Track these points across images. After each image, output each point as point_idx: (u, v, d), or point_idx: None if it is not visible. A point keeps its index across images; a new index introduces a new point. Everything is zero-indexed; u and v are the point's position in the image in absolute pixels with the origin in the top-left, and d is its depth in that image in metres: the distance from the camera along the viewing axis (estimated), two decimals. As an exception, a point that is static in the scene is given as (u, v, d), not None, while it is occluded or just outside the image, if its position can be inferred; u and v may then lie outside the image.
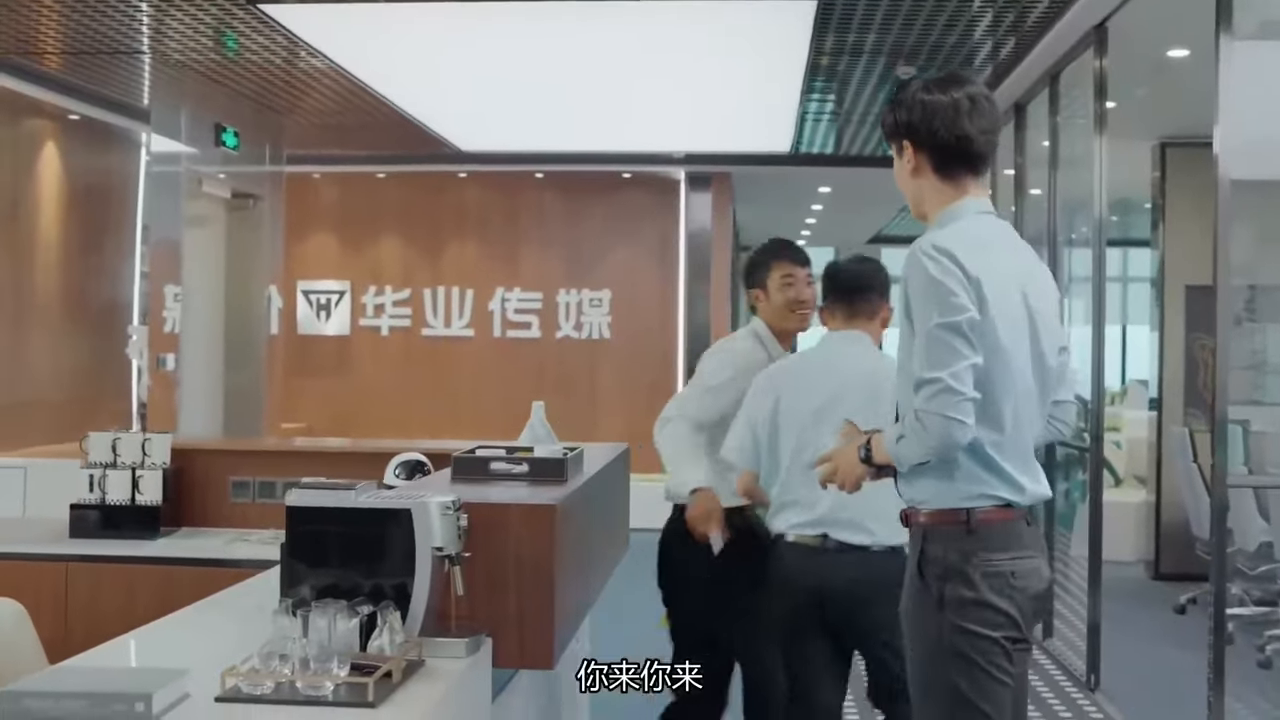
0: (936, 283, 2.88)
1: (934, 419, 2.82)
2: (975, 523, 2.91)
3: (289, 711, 2.55)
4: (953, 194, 3.06)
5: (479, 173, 13.33)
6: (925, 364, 2.85)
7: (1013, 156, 9.06)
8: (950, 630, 2.89)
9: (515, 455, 3.88)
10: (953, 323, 2.85)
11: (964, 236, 2.97)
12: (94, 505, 4.74)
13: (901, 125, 3.08)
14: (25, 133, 9.24)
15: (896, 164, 3.13)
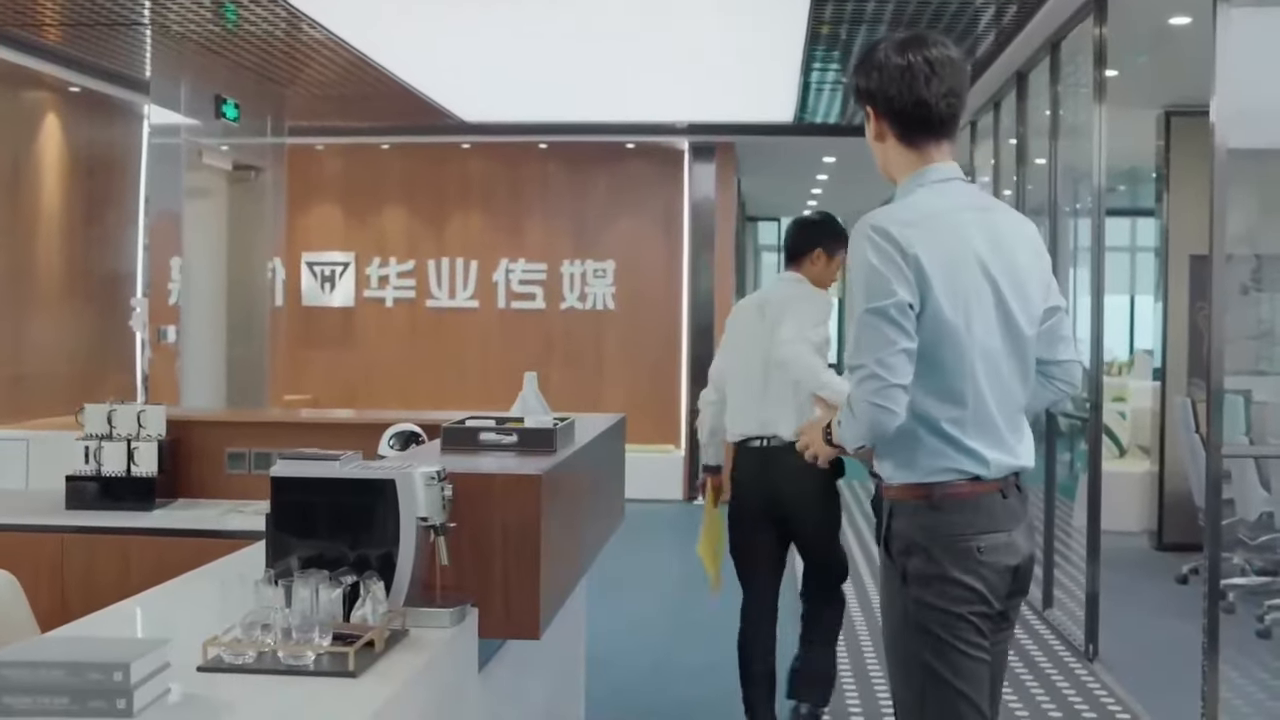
0: (869, 266, 2.86)
1: (861, 405, 2.83)
2: (938, 497, 2.88)
3: (270, 681, 2.56)
4: (916, 160, 3.02)
5: (483, 144, 13.30)
6: (854, 349, 2.86)
7: (1015, 125, 9.02)
8: (915, 605, 2.89)
9: (505, 426, 3.88)
10: (880, 307, 2.82)
11: (912, 210, 2.94)
12: (90, 477, 4.75)
13: (863, 91, 3.05)
14: (26, 105, 9.24)
15: (866, 128, 3.10)
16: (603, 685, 5.79)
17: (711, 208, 13.23)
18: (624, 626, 6.94)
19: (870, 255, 2.85)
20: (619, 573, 6.09)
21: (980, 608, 2.88)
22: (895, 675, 3.01)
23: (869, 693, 6.02)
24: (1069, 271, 8.10)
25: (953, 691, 2.88)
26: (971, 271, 2.91)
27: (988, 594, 2.88)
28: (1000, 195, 9.83)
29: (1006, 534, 2.92)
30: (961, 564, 2.86)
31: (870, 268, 2.85)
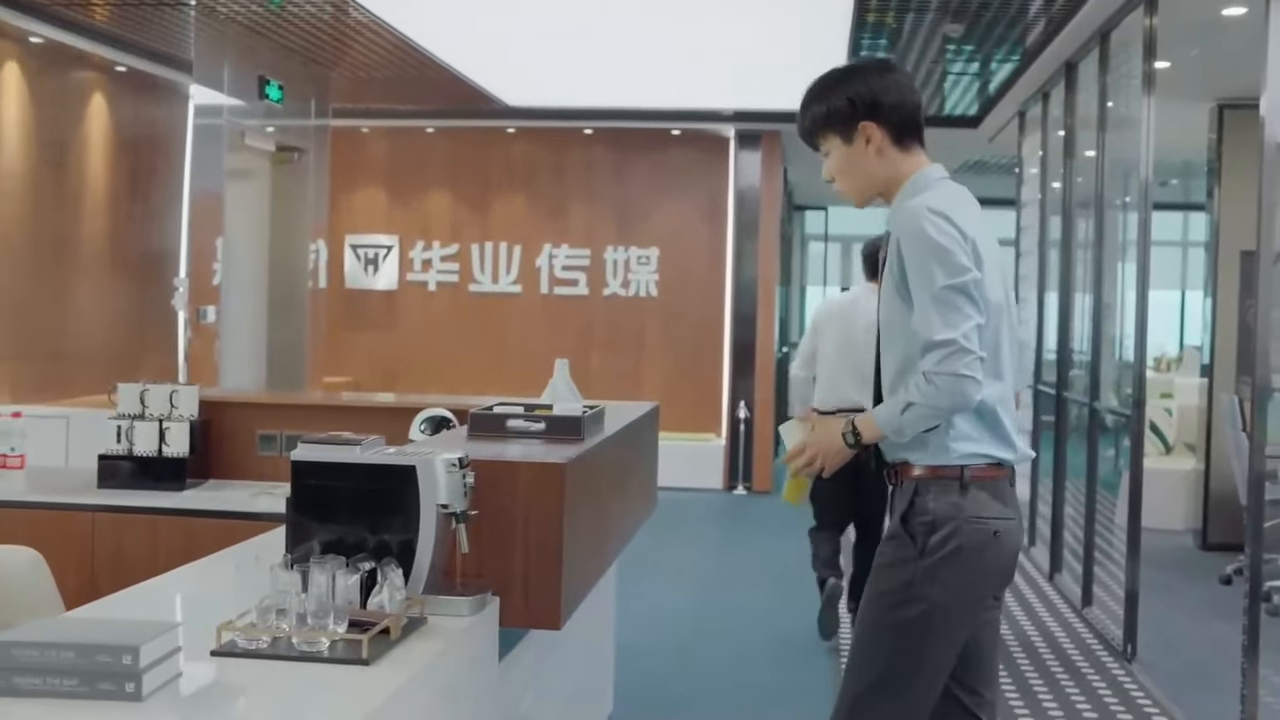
0: (938, 245, 2.91)
1: (947, 379, 2.84)
2: (968, 479, 2.94)
3: (282, 666, 2.54)
4: (911, 162, 3.11)
5: (527, 128, 13.27)
6: (936, 326, 2.86)
7: (1063, 117, 8.90)
8: (923, 577, 2.92)
9: (533, 413, 3.85)
10: (960, 284, 2.89)
11: (950, 198, 3.02)
12: (122, 456, 4.75)
13: (863, 105, 3.08)
14: (73, 84, 9.28)
15: (847, 154, 3.11)
16: (632, 674, 5.76)
17: (756, 196, 13.15)
18: (655, 616, 6.90)
19: (936, 235, 2.91)
20: (652, 561, 6.06)
21: (983, 590, 2.99)
22: (866, 640, 3.02)
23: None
24: (1115, 266, 7.98)
25: (928, 664, 2.95)
26: (996, 260, 3.04)
27: (997, 578, 3.01)
28: (1047, 187, 9.72)
29: (1018, 520, 3.03)
30: (981, 545, 2.94)
31: (939, 246, 2.90)
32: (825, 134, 3.13)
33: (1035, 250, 10.00)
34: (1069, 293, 8.80)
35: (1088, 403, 7.86)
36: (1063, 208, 8.99)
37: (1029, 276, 10.27)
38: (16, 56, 8.52)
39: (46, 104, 8.81)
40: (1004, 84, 10.29)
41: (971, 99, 11.39)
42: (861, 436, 3.01)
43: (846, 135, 3.10)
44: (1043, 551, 8.87)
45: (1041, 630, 7.09)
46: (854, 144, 3.10)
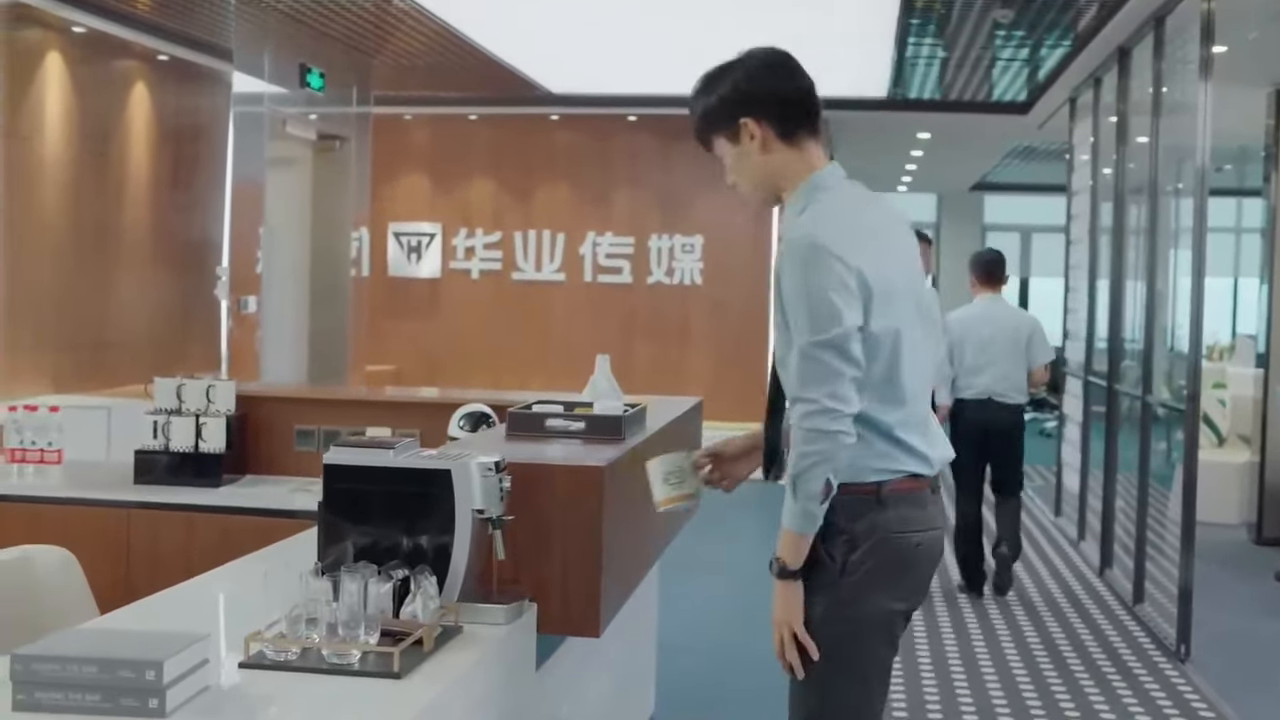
0: (812, 292, 2.72)
1: (812, 434, 2.71)
2: (884, 494, 2.81)
3: (312, 680, 2.46)
4: (805, 161, 2.91)
5: (570, 115, 13.18)
6: (801, 382, 2.73)
7: (1116, 103, 8.73)
8: (848, 597, 2.79)
9: (572, 412, 3.76)
10: (829, 339, 2.71)
11: (840, 217, 2.82)
12: (158, 452, 4.69)
13: (739, 99, 2.90)
14: (116, 73, 9.26)
15: (736, 154, 2.93)
16: (675, 673, 5.68)
17: (802, 183, 13.00)
18: (698, 612, 6.81)
19: (811, 280, 2.73)
20: (695, 557, 5.97)
21: (907, 604, 2.88)
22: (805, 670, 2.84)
23: (949, 693, 5.86)
24: (1169, 253, 7.82)
25: (857, 685, 2.84)
26: (896, 269, 2.85)
27: (917, 590, 2.91)
28: (1099, 174, 9.55)
29: (939, 530, 2.93)
30: (901, 559, 2.83)
31: (813, 294, 2.72)
32: (712, 136, 2.97)
33: (1086, 238, 9.83)
34: (1120, 281, 8.64)
35: (1140, 395, 7.70)
36: (1114, 194, 8.82)
37: (1079, 265, 10.10)
38: (59, 46, 8.50)
39: (89, 93, 8.80)
40: (1054, 70, 10.12)
41: (1021, 85, 11.22)
42: (784, 559, 2.79)
43: (731, 134, 2.92)
44: (1093, 546, 8.72)
45: (1091, 628, 6.95)
46: (740, 142, 2.92)
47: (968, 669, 6.10)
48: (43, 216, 8.40)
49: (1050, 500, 10.66)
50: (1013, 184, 19.44)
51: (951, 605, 7.33)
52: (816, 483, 2.71)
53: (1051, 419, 14.89)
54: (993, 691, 5.77)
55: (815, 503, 2.73)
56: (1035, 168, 17.24)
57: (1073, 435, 10.08)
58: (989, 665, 6.17)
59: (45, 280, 8.41)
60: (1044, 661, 6.27)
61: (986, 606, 7.32)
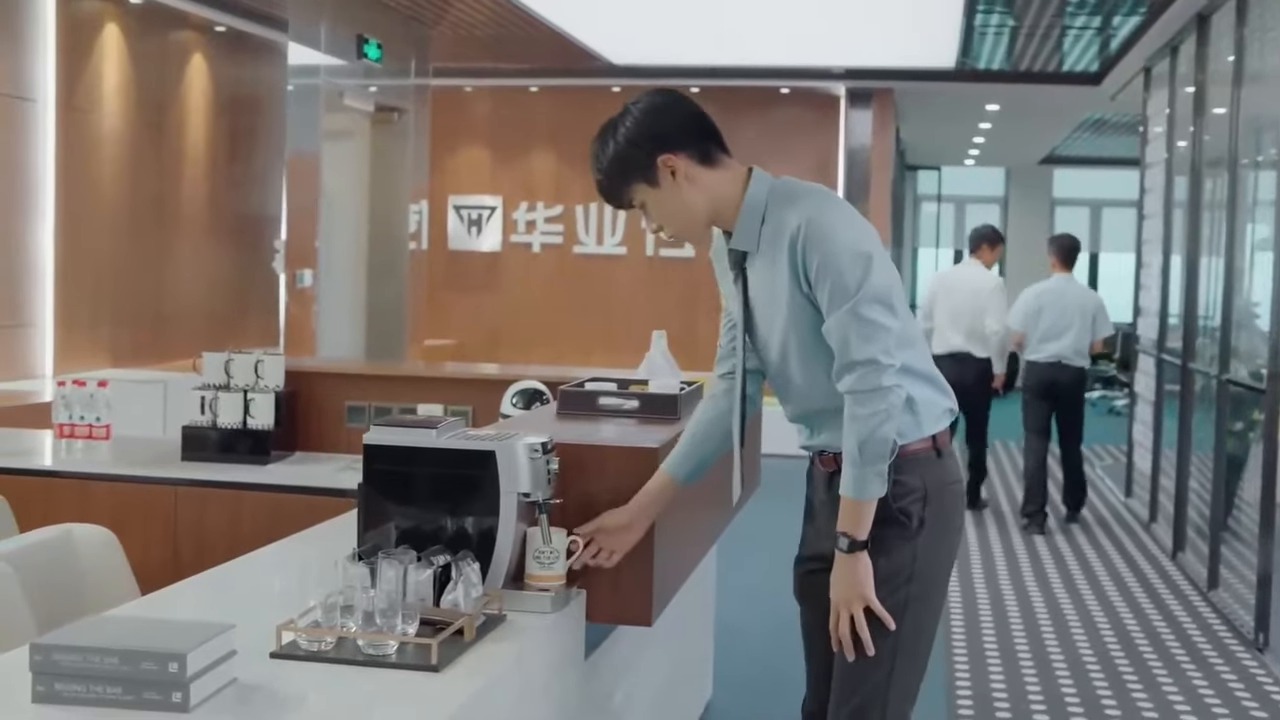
0: (843, 252, 2.72)
1: (873, 394, 2.70)
2: (939, 444, 2.88)
3: (346, 672, 2.35)
4: (733, 178, 2.84)
5: (633, 87, 12.96)
6: (853, 344, 2.71)
7: (1193, 72, 8.45)
8: (924, 555, 2.84)
9: (626, 390, 3.62)
10: (874, 294, 2.72)
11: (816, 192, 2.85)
12: (206, 428, 4.60)
13: (648, 137, 2.78)
14: (173, 45, 9.20)
15: (659, 197, 2.81)
16: (734, 653, 5.54)
17: (867, 155, 12.81)
18: (757, 591, 6.65)
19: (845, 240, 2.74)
20: (753, 534, 5.80)
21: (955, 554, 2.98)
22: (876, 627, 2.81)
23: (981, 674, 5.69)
24: (1247, 228, 7.56)
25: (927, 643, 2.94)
26: None
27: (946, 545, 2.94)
28: (1174, 146, 9.27)
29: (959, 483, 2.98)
30: (959, 507, 2.97)
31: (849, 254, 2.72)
32: (628, 187, 2.83)
33: (1160, 212, 9.56)
34: (1196, 257, 8.38)
35: (1215, 374, 7.46)
36: (1190, 167, 8.56)
37: (1153, 240, 9.83)
38: (116, 18, 8.44)
39: (146, 66, 8.74)
40: (1128, 39, 9.84)
41: (1093, 55, 10.94)
42: (853, 533, 2.75)
43: (649, 178, 2.79)
44: (1165, 529, 8.49)
45: (1164, 614, 6.74)
46: (661, 184, 2.80)
47: (1036, 658, 5.92)
48: (100, 190, 8.36)
49: (1121, 480, 10.41)
50: (1083, 157, 19.07)
51: (1020, 592, 7.14)
52: (885, 443, 2.71)
53: (1121, 397, 14.60)
54: (1062, 681, 5.59)
55: (884, 464, 2.73)
56: (1107, 140, 16.89)
57: (1144, 414, 9.84)
58: (1058, 653, 5.99)
59: (103, 254, 8.38)
60: (1115, 649, 6.07)
61: (1055, 593, 7.13)
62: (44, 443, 4.85)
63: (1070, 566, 7.75)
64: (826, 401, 2.83)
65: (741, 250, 2.86)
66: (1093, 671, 5.72)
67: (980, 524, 8.97)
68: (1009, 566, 7.67)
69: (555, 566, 2.81)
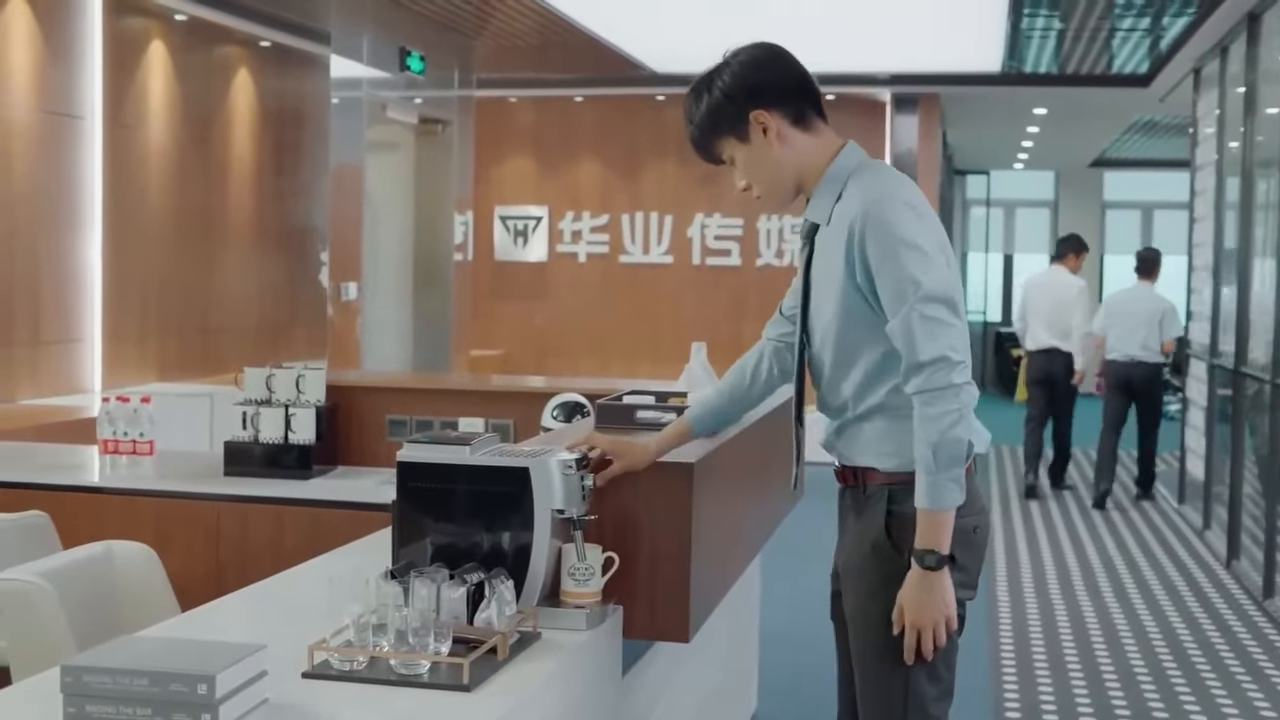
0: (915, 246, 2.64)
1: (943, 393, 2.61)
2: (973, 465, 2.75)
3: (378, 692, 2.33)
4: (823, 146, 2.81)
5: (677, 95, 12.95)
6: (920, 342, 2.62)
7: (1244, 72, 8.34)
8: (966, 567, 2.75)
9: (665, 404, 3.59)
10: (937, 294, 2.63)
11: (896, 179, 2.78)
12: (248, 443, 4.61)
13: (744, 92, 2.77)
14: (218, 60, 9.27)
15: (749, 154, 2.80)
16: (780, 664, 5.50)
17: (914, 160, 12.72)
18: (803, 599, 6.59)
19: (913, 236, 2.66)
20: (798, 541, 5.75)
21: (970, 592, 2.79)
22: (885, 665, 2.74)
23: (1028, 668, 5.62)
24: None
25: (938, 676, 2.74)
26: None
27: (976, 577, 2.82)
28: (1225, 147, 9.16)
29: (987, 514, 2.86)
30: (963, 546, 2.73)
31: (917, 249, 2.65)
32: (719, 140, 2.83)
33: (1211, 214, 9.44)
34: (1248, 259, 8.27)
35: (1270, 379, 7.35)
36: (1242, 169, 8.44)
37: (1204, 243, 9.71)
38: (162, 34, 8.51)
39: (191, 81, 8.80)
40: (1177, 39, 9.73)
41: (1142, 56, 10.82)
42: (936, 547, 2.65)
43: (740, 133, 2.79)
44: (1219, 536, 8.37)
45: (1218, 623, 6.64)
46: (751, 139, 2.79)
47: (1085, 668, 5.84)
48: (147, 204, 8.43)
49: (1174, 487, 10.29)
50: (1134, 159, 18.88)
51: (1070, 601, 7.06)
52: (960, 444, 2.63)
53: (1175, 402, 14.44)
54: (1112, 692, 5.51)
55: (960, 468, 2.64)
56: (1157, 142, 16.71)
57: (1196, 420, 9.71)
58: (1108, 664, 5.91)
59: (150, 268, 8.44)
60: (1167, 660, 5.99)
61: (1106, 601, 7.04)
62: (88, 458, 4.87)
63: (1121, 575, 7.65)
64: (847, 404, 2.82)
65: (814, 222, 2.83)
66: (1144, 682, 5.64)
67: (1031, 534, 8.88)
68: (1059, 575, 7.59)
69: (590, 583, 2.78)
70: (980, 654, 5.97)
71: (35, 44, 7.37)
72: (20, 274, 7.33)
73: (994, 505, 9.88)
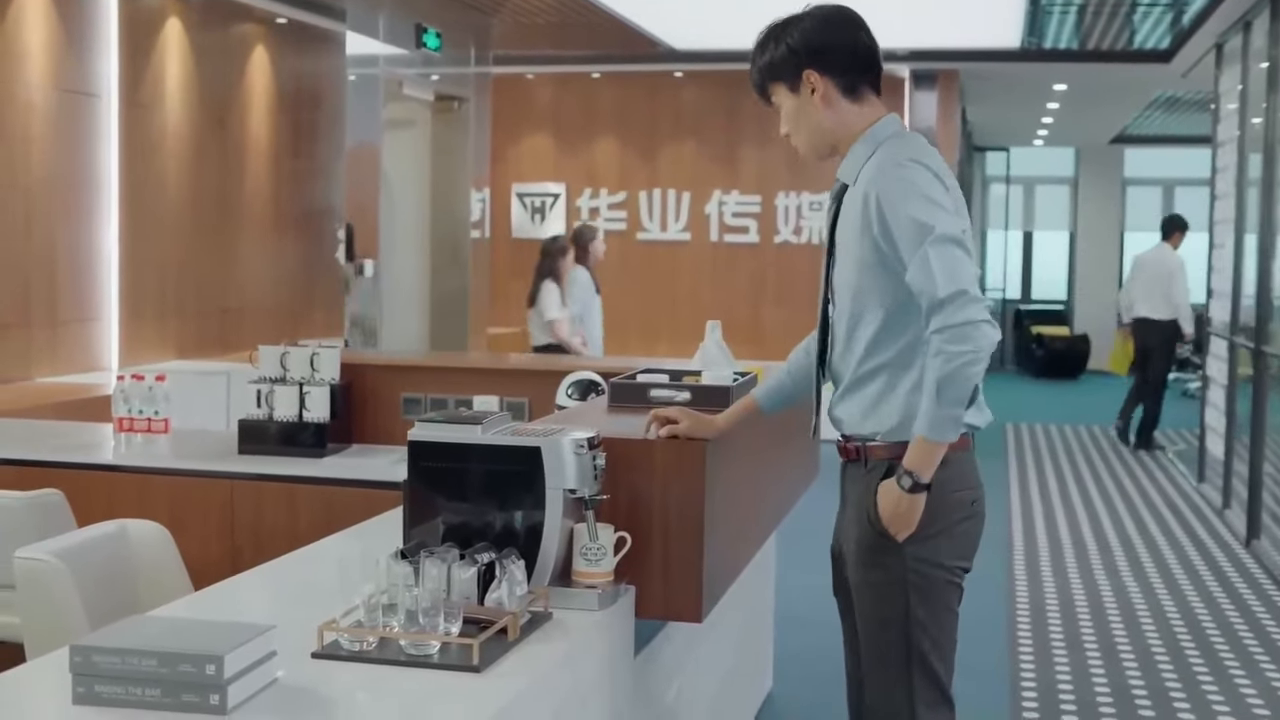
0: (926, 195, 2.73)
1: (964, 329, 2.65)
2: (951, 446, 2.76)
3: (387, 673, 2.33)
4: (867, 114, 2.92)
5: (695, 72, 12.94)
6: (939, 281, 2.66)
7: (1267, 48, 8.26)
8: (914, 562, 2.79)
9: (678, 382, 3.58)
10: (952, 235, 2.70)
11: (921, 145, 2.86)
12: (263, 421, 4.61)
13: (806, 51, 2.89)
14: (235, 38, 9.24)
15: (795, 105, 2.92)
16: (795, 646, 5.48)
17: (933, 137, 12.62)
18: (819, 579, 6.60)
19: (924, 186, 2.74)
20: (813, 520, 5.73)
21: (967, 564, 2.87)
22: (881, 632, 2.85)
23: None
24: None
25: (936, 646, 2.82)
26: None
27: (971, 553, 2.88)
28: (1247, 124, 9.08)
29: (983, 489, 2.91)
30: (961, 519, 2.82)
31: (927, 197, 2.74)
32: (773, 85, 2.96)
33: (1232, 191, 9.36)
34: (1270, 236, 8.20)
35: (1291, 357, 7.30)
36: (1264, 145, 8.36)
37: (1225, 221, 9.64)
38: (178, 13, 8.50)
39: (208, 60, 8.78)
40: (1200, 14, 9.64)
41: (1164, 31, 10.73)
42: (918, 471, 2.72)
43: (792, 85, 2.91)
44: (1239, 515, 8.33)
45: (1238, 603, 6.61)
46: (800, 94, 2.91)
47: (1102, 647, 5.81)
48: (164, 184, 8.42)
49: (1193, 465, 10.23)
50: (1155, 136, 18.76)
51: (1087, 580, 7.03)
52: (968, 385, 2.69)
53: (1195, 379, 14.37)
54: (1130, 671, 5.49)
55: (963, 408, 2.70)
56: (1179, 119, 16.59)
57: (1216, 398, 9.65)
58: (1125, 642, 5.88)
59: (167, 248, 8.44)
60: (1185, 640, 5.96)
61: (1124, 581, 7.01)
62: (103, 436, 4.88)
63: (1140, 554, 7.62)
64: (854, 364, 2.87)
65: (843, 182, 2.92)
66: (1161, 662, 5.62)
67: (1049, 513, 8.85)
68: (1076, 554, 7.56)
69: (603, 563, 2.77)
70: (997, 633, 5.95)
71: (51, 22, 7.36)
72: (37, 253, 7.34)
73: (1012, 484, 9.84)
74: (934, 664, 2.82)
